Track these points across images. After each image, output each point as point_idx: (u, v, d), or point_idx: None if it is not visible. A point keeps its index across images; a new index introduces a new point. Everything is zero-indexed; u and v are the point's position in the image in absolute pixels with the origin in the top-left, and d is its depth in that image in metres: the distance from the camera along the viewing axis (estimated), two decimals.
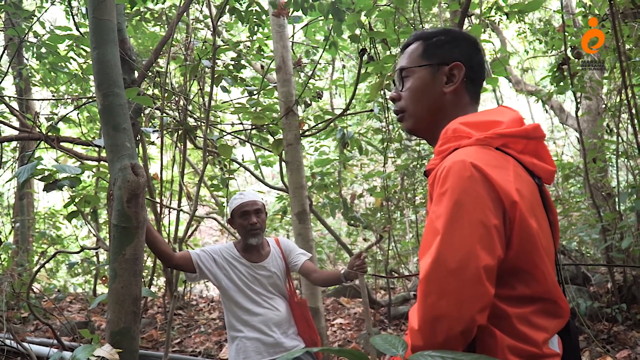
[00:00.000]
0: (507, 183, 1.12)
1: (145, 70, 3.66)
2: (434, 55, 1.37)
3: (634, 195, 4.81)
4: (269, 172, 11.27)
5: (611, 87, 5.46)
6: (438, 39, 1.38)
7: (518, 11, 3.79)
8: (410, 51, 1.41)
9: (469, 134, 1.22)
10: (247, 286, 2.72)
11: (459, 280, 1.06)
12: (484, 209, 1.09)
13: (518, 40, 10.13)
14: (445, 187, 1.13)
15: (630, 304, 5.15)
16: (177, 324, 6.10)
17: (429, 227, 1.15)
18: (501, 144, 1.20)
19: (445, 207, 1.11)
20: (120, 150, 1.90)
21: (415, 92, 1.37)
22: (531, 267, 1.15)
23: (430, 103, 1.36)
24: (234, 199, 2.80)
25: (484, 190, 1.10)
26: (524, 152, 1.23)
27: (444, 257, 1.08)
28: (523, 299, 1.15)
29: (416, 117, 1.38)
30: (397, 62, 1.46)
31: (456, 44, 1.38)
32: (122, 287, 1.81)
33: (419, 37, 1.42)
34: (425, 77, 1.36)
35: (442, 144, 1.26)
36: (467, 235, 1.08)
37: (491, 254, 1.08)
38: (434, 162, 1.26)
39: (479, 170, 1.11)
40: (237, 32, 8.05)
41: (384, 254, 7.28)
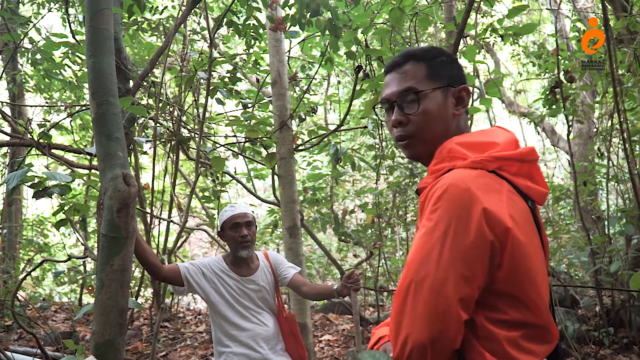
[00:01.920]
0: (501, 209, 1.12)
1: (141, 80, 3.66)
2: (442, 77, 1.32)
3: (623, 220, 4.84)
4: (261, 185, 11.25)
5: (603, 112, 5.52)
6: (440, 59, 1.34)
7: (513, 34, 3.82)
8: (412, 72, 1.33)
9: (464, 154, 1.21)
10: (235, 300, 2.69)
11: (430, 301, 1.08)
12: (470, 238, 1.09)
13: (512, 62, 10.25)
14: (436, 206, 1.13)
15: (617, 328, 5.15)
16: (163, 337, 6.03)
17: (415, 244, 1.16)
18: (496, 167, 1.20)
19: (433, 228, 1.12)
20: (112, 160, 1.89)
21: (429, 116, 1.30)
22: (522, 293, 1.15)
23: (441, 127, 1.31)
24: (224, 211, 2.78)
25: (475, 217, 1.09)
26: (517, 175, 1.22)
27: (420, 278, 1.10)
28: (514, 323, 1.15)
29: (428, 142, 1.31)
30: (391, 82, 1.37)
31: (455, 64, 1.37)
32: (109, 297, 1.79)
33: (415, 56, 1.35)
34: (439, 100, 1.31)
35: (437, 163, 1.25)
36: (448, 262, 1.09)
37: (469, 284, 1.09)
38: (427, 181, 1.26)
39: (473, 197, 1.11)
40: (233, 44, 8.08)
41: (373, 270, 7.26)
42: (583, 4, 8.38)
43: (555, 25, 5.96)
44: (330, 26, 3.75)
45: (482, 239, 1.09)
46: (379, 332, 1.40)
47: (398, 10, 3.45)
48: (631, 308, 5.10)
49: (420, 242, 1.14)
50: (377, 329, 1.43)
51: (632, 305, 5.13)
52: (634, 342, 4.93)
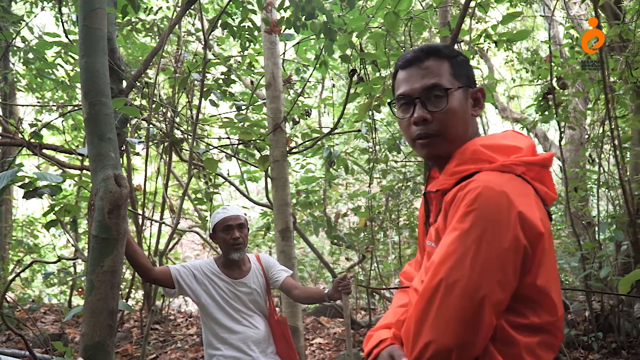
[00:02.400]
0: (533, 214, 1.12)
1: (134, 81, 3.64)
2: (462, 77, 1.30)
3: (613, 226, 4.87)
4: (254, 188, 11.23)
5: (594, 118, 5.56)
6: (460, 58, 1.32)
7: (506, 40, 3.84)
8: (436, 68, 1.29)
9: (491, 157, 1.20)
10: (227, 303, 2.68)
11: (463, 304, 1.06)
12: (505, 241, 1.08)
13: (505, 68, 10.30)
14: (470, 209, 1.11)
15: (606, 333, 5.18)
16: (153, 339, 5.99)
17: (445, 246, 1.13)
18: (522, 172, 1.19)
19: (467, 231, 1.10)
20: (104, 160, 1.87)
21: (456, 115, 1.27)
22: (544, 298, 1.15)
23: (463, 127, 1.29)
24: (216, 213, 2.76)
25: (512, 222, 1.09)
26: (535, 179, 1.23)
27: (452, 281, 1.08)
28: (534, 328, 1.14)
29: (449, 142, 1.28)
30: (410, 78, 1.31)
31: (470, 66, 1.35)
32: (99, 299, 1.77)
33: (438, 53, 1.31)
34: (462, 100, 1.29)
35: (459, 164, 1.23)
36: (483, 266, 1.07)
37: (504, 289, 1.08)
38: (447, 182, 1.24)
39: (509, 201, 1.10)
40: (228, 46, 8.07)
41: (366, 274, 7.26)
42: (576, 11, 8.45)
43: (548, 32, 6.01)
44: (325, 29, 3.75)
45: (517, 243, 1.09)
46: (378, 334, 1.36)
47: (393, 14, 3.46)
48: (620, 313, 5.12)
49: (453, 245, 1.11)
50: (374, 331, 1.40)
51: (621, 311, 5.16)
52: (623, 347, 4.95)
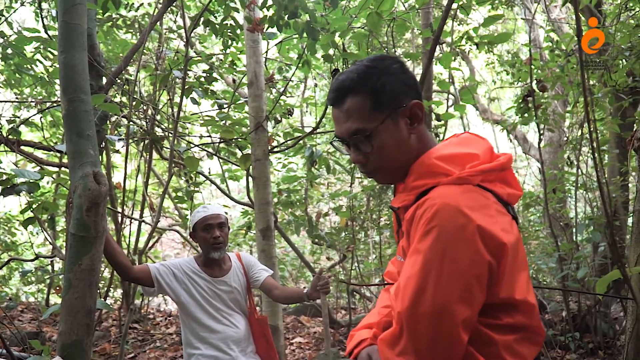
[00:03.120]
0: (494, 225, 1.11)
1: (114, 77, 3.61)
2: (387, 103, 1.24)
3: (590, 227, 4.95)
4: (235, 187, 11.19)
5: (573, 121, 5.64)
6: (380, 82, 1.24)
7: (488, 42, 3.88)
8: (355, 108, 1.24)
9: (447, 170, 1.19)
10: (207, 301, 2.67)
11: (433, 329, 1.07)
12: (467, 259, 1.08)
13: (486, 70, 10.40)
14: (429, 227, 1.10)
15: (583, 333, 5.26)
16: (131, 338, 5.94)
17: (409, 268, 1.13)
18: (479, 181, 1.19)
19: (429, 250, 1.09)
20: (82, 157, 1.85)
21: (387, 150, 1.25)
22: (516, 302, 1.15)
23: (403, 152, 1.26)
24: (196, 211, 2.74)
25: (471, 238, 1.08)
26: (495, 182, 1.22)
27: (420, 303, 1.08)
28: (508, 327, 1.15)
29: (394, 170, 1.29)
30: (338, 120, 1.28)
31: (396, 77, 1.26)
32: (76, 298, 1.75)
33: (353, 88, 1.25)
34: (391, 130, 1.24)
35: (416, 179, 1.23)
36: (445, 285, 1.07)
37: (470, 305, 1.09)
38: (407, 197, 1.24)
39: (466, 216, 1.09)
40: (210, 44, 8.03)
41: (346, 273, 7.27)
42: (557, 14, 8.57)
43: (529, 35, 6.08)
44: (307, 29, 3.75)
45: (479, 258, 1.08)
46: (359, 334, 1.37)
47: (376, 15, 3.48)
48: (597, 314, 5.21)
49: (415, 266, 1.11)
50: (356, 331, 1.41)
51: (598, 311, 5.25)
52: (599, 347, 5.04)
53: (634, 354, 2.24)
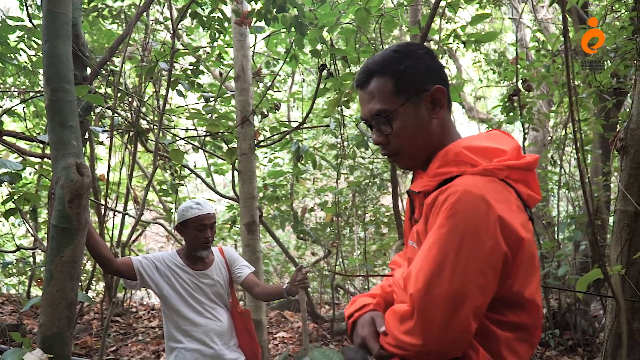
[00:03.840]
0: (514, 219, 1.12)
1: (99, 68, 3.57)
2: (409, 86, 1.26)
3: (572, 226, 5.01)
4: (220, 181, 11.14)
5: (557, 121, 5.70)
6: (404, 65, 1.27)
7: (475, 41, 3.90)
8: (378, 90, 1.28)
9: (473, 160, 1.20)
10: (189, 295, 2.66)
11: (445, 314, 1.07)
12: (485, 247, 1.08)
13: (473, 69, 10.46)
14: (451, 212, 1.11)
15: (563, 330, 5.33)
16: (113, 331, 5.90)
17: (426, 250, 1.13)
18: (504, 176, 1.20)
19: (448, 235, 1.10)
20: (65, 148, 1.83)
21: (407, 132, 1.27)
22: (527, 299, 1.16)
23: (423, 137, 1.28)
24: (190, 207, 2.68)
25: (491, 227, 1.09)
26: (518, 182, 1.23)
27: (433, 286, 1.08)
28: (512, 325, 1.16)
29: (415, 155, 1.31)
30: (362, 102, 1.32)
31: (421, 62, 1.29)
32: (57, 290, 1.73)
33: (378, 70, 1.29)
34: (412, 113, 1.27)
35: (441, 166, 1.23)
36: (461, 270, 1.08)
37: (483, 293, 1.09)
38: (429, 184, 1.24)
39: (489, 205, 1.09)
40: (197, 37, 7.97)
41: (331, 269, 7.29)
42: (544, 15, 8.63)
43: (516, 35, 6.12)
44: (296, 23, 3.74)
45: (497, 248, 1.09)
46: (362, 300, 1.37)
47: (364, 11, 3.48)
48: (577, 311, 5.28)
49: (432, 250, 1.11)
50: (360, 297, 1.41)
51: (578, 309, 5.32)
52: (579, 345, 5.11)
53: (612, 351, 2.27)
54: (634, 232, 2.26)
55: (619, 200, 2.33)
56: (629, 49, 4.15)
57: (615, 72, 4.60)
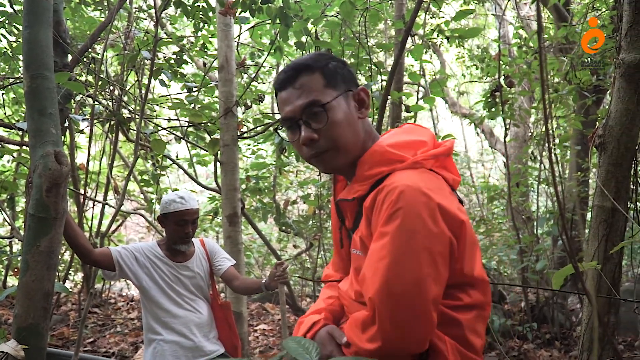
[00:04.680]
0: (451, 205, 1.14)
1: (80, 55, 3.51)
2: (339, 83, 1.28)
3: (551, 221, 5.08)
4: (203, 172, 11.07)
5: (538, 117, 5.76)
6: (332, 64, 1.29)
7: (458, 36, 3.92)
8: (309, 83, 1.26)
9: (400, 156, 1.22)
10: (169, 286, 2.65)
11: (406, 310, 1.07)
12: (433, 237, 1.10)
13: (457, 64, 10.51)
14: (395, 208, 1.11)
15: (540, 324, 5.42)
16: (91, 323, 5.85)
17: (377, 251, 1.13)
18: (432, 165, 1.23)
19: (395, 232, 1.10)
20: (44, 136, 1.80)
21: (341, 126, 1.25)
22: (477, 278, 1.19)
23: (352, 134, 1.27)
24: (173, 201, 2.64)
25: (436, 217, 1.10)
26: (440, 168, 1.26)
27: (392, 284, 1.08)
28: (468, 306, 1.18)
29: (344, 152, 1.28)
30: (288, 99, 1.28)
31: (344, 66, 1.33)
32: (34, 280, 1.71)
33: (307, 67, 1.28)
34: (343, 107, 1.27)
35: (370, 168, 1.24)
36: (416, 264, 1.08)
37: (438, 283, 1.10)
38: (360, 187, 1.25)
39: (428, 197, 1.11)
40: (181, 26, 7.88)
41: (312, 261, 7.30)
42: (527, 12, 8.70)
43: (498, 31, 6.16)
44: (281, 15, 3.71)
45: (443, 237, 1.11)
46: (310, 319, 1.35)
47: (349, 4, 3.47)
48: (554, 305, 5.37)
49: (384, 249, 1.11)
50: (305, 317, 1.39)
51: (555, 303, 5.41)
52: (556, 338, 5.20)
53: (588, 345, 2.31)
54: (611, 228, 2.30)
55: (597, 196, 2.36)
56: (608, 47, 4.21)
57: (595, 70, 4.66)
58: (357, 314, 1.20)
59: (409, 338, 1.09)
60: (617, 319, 2.41)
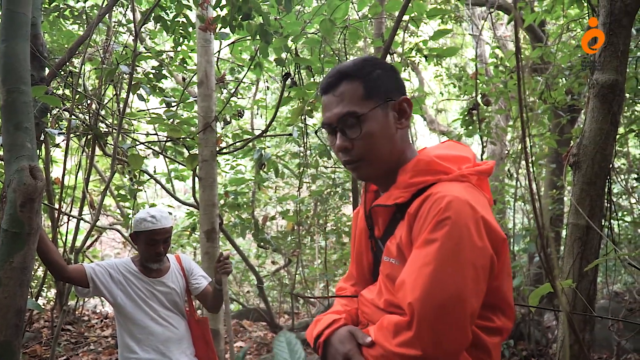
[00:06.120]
0: (494, 221, 1.14)
1: (57, 69, 3.47)
2: (379, 93, 1.27)
3: (527, 238, 5.14)
4: (181, 187, 10.98)
5: (514, 135, 5.85)
6: (376, 73, 1.29)
7: (436, 55, 3.98)
8: (348, 93, 1.27)
9: (447, 168, 1.22)
10: (144, 302, 2.60)
11: (447, 321, 1.06)
12: (478, 250, 1.09)
13: (435, 82, 10.66)
14: (444, 216, 1.10)
15: (517, 341, 5.44)
16: (64, 340, 5.72)
17: (422, 259, 1.11)
18: (475, 181, 1.23)
19: (442, 241, 1.09)
20: (19, 151, 1.78)
21: (374, 137, 1.26)
22: (504, 302, 1.18)
23: (387, 145, 1.28)
24: (143, 220, 2.58)
25: (481, 230, 1.10)
26: (479, 185, 1.26)
27: (435, 292, 1.07)
28: (498, 330, 1.17)
29: (378, 163, 1.28)
30: (329, 105, 1.30)
31: (389, 73, 1.32)
32: (6, 297, 1.68)
33: (349, 75, 1.28)
34: (380, 119, 1.27)
35: (414, 176, 1.23)
36: (460, 275, 1.07)
37: (478, 297, 1.09)
38: (402, 194, 1.23)
39: (475, 211, 1.11)
40: (161, 41, 7.86)
41: (291, 278, 7.27)
42: (503, 32, 8.88)
43: (475, 51, 6.28)
44: (261, 31, 3.73)
45: (486, 251, 1.10)
46: (328, 317, 1.33)
47: (329, 21, 3.50)
48: (531, 322, 5.41)
49: (429, 256, 1.10)
50: (323, 315, 1.36)
51: (532, 320, 5.45)
52: (533, 355, 5.22)
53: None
54: (585, 246, 2.34)
55: (572, 214, 2.40)
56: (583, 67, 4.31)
57: (570, 90, 4.76)
58: (389, 317, 1.16)
59: (444, 349, 1.07)
60: (593, 336, 2.44)
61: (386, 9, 3.55)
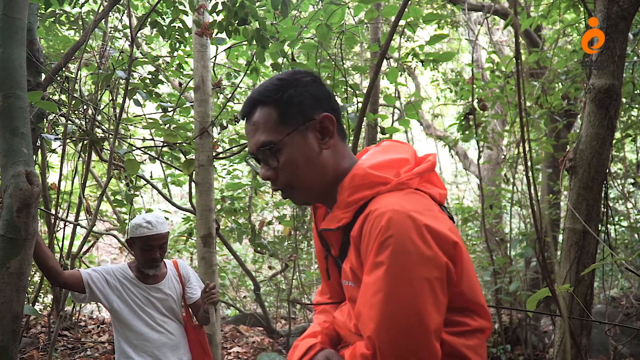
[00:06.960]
0: (442, 227, 1.07)
1: (53, 74, 3.47)
2: (295, 115, 1.19)
3: (524, 243, 5.15)
4: (177, 192, 10.95)
5: (511, 140, 5.87)
6: (288, 94, 1.20)
7: (433, 60, 3.99)
8: (262, 121, 1.20)
9: (383, 178, 1.15)
10: (140, 308, 2.60)
11: (409, 345, 1.01)
12: (427, 261, 1.02)
13: (431, 87, 10.69)
14: (386, 236, 1.04)
15: (514, 345, 5.45)
16: (61, 346, 5.69)
17: (369, 282, 1.06)
18: (417, 184, 1.17)
19: (388, 263, 1.03)
20: (15, 156, 1.77)
21: (295, 164, 1.19)
22: (473, 303, 1.12)
23: (314, 168, 1.20)
24: (139, 225, 2.57)
25: (425, 240, 1.03)
26: (424, 183, 1.20)
27: (389, 320, 1.02)
28: (474, 331, 1.12)
29: (308, 188, 1.22)
30: (248, 134, 1.24)
31: (307, 89, 1.22)
32: (3, 302, 1.67)
33: (261, 100, 1.21)
34: (299, 144, 1.19)
35: (352, 194, 1.16)
36: (413, 294, 1.01)
37: (438, 310, 1.03)
38: (344, 215, 1.17)
39: (417, 221, 1.04)
40: (157, 46, 7.87)
41: (287, 283, 7.25)
42: (499, 37, 8.92)
43: (472, 56, 6.30)
44: (257, 36, 3.74)
45: (438, 260, 1.03)
46: (305, 342, 1.28)
47: (325, 26, 3.51)
48: (527, 327, 5.41)
49: (378, 282, 1.04)
50: (300, 340, 1.32)
51: (529, 324, 5.45)
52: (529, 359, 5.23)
53: None
54: (582, 250, 2.34)
55: (568, 218, 2.41)
56: (579, 72, 4.33)
57: (566, 94, 4.78)
58: (357, 349, 1.11)
59: None
60: (589, 340, 2.44)
61: (382, 14, 3.56)
